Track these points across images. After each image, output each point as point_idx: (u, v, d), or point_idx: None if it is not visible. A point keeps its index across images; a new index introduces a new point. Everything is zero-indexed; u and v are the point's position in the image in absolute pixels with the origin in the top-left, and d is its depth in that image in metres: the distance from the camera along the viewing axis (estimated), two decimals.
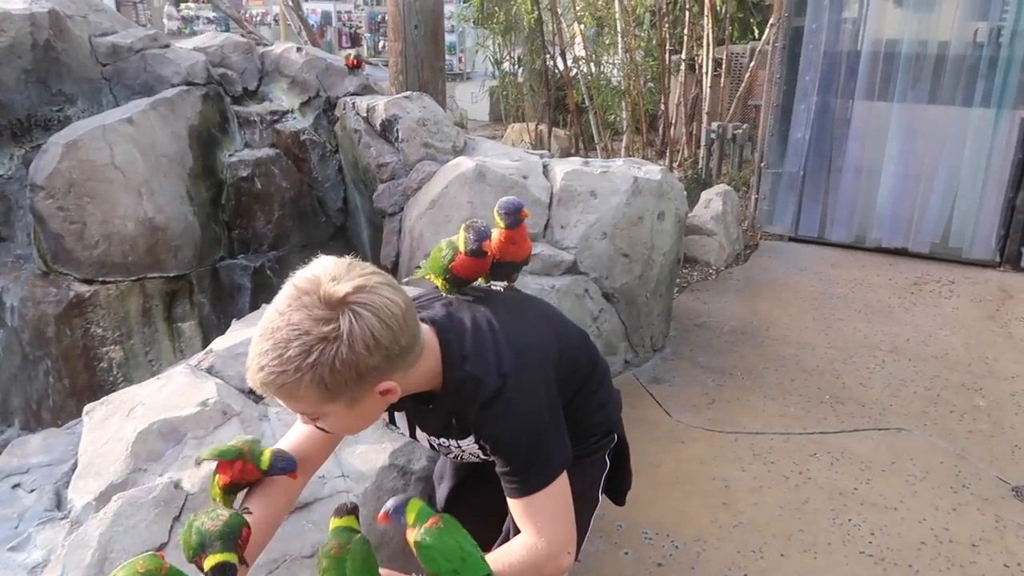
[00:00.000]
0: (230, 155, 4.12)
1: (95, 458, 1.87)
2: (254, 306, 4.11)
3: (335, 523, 1.35)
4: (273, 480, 1.42)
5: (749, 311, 4.83)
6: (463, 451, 1.51)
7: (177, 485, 1.72)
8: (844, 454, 3.31)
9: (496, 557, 1.35)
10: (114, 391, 3.45)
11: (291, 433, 1.56)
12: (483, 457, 1.51)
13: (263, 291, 4.08)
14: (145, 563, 1.23)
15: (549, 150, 7.34)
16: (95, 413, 2.04)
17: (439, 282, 1.57)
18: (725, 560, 2.69)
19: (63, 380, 3.33)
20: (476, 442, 1.44)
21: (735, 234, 5.87)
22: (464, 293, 1.54)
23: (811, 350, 4.29)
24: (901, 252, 5.81)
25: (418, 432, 1.59)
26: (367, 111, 4.29)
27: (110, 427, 1.96)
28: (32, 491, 1.95)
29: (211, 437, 1.88)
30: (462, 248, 1.50)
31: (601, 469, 1.74)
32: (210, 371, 2.13)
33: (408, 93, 4.43)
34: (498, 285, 1.65)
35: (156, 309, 3.51)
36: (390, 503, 1.30)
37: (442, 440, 1.52)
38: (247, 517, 1.31)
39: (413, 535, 1.28)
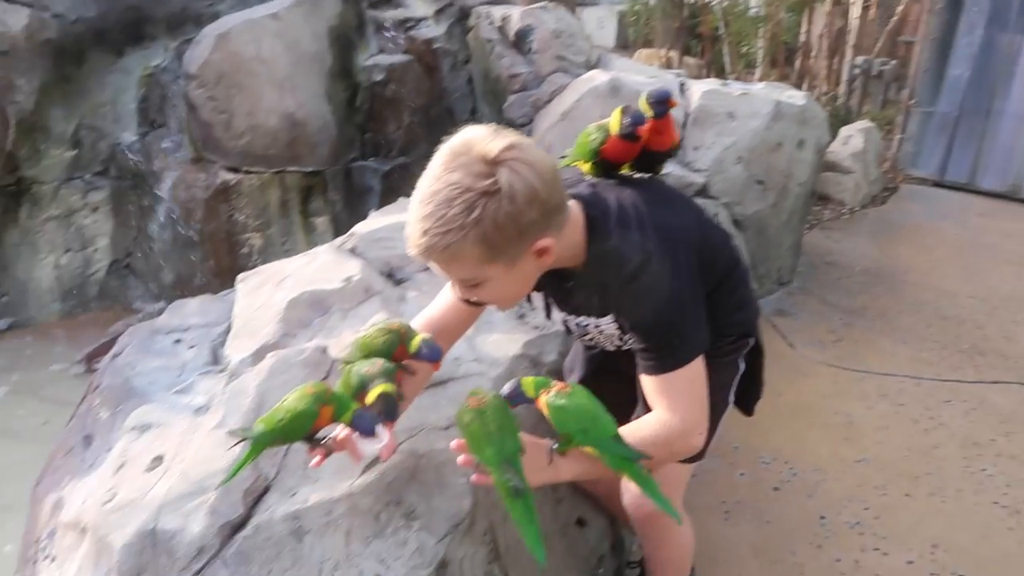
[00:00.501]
0: (366, 59, 4.17)
1: (249, 321, 1.99)
2: (382, 208, 4.23)
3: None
4: None
5: (884, 254, 4.58)
6: (600, 331, 1.50)
7: (324, 351, 1.80)
8: (982, 404, 3.12)
9: (629, 429, 1.35)
10: None
11: (434, 304, 1.59)
12: (618, 342, 1.51)
13: (391, 195, 4.18)
14: (313, 387, 1.32)
15: None
16: (248, 281, 2.16)
17: (586, 167, 1.55)
18: (845, 492, 2.61)
19: (209, 261, 3.56)
20: (615, 320, 1.43)
21: (874, 174, 5.53)
22: (610, 177, 1.52)
23: (951, 298, 4.04)
24: None
25: (554, 312, 1.59)
26: (501, 20, 4.24)
27: (262, 295, 2.07)
28: (191, 347, 2.10)
29: (355, 311, 1.96)
30: (615, 130, 1.48)
31: (734, 372, 1.70)
32: (353, 252, 2.21)
33: (544, 4, 4.33)
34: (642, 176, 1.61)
35: (293, 202, 3.66)
36: (504, 389, 1.32)
37: (580, 319, 1.51)
38: None
39: (545, 400, 1.30)
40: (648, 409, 1.43)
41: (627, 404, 1.61)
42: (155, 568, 1.43)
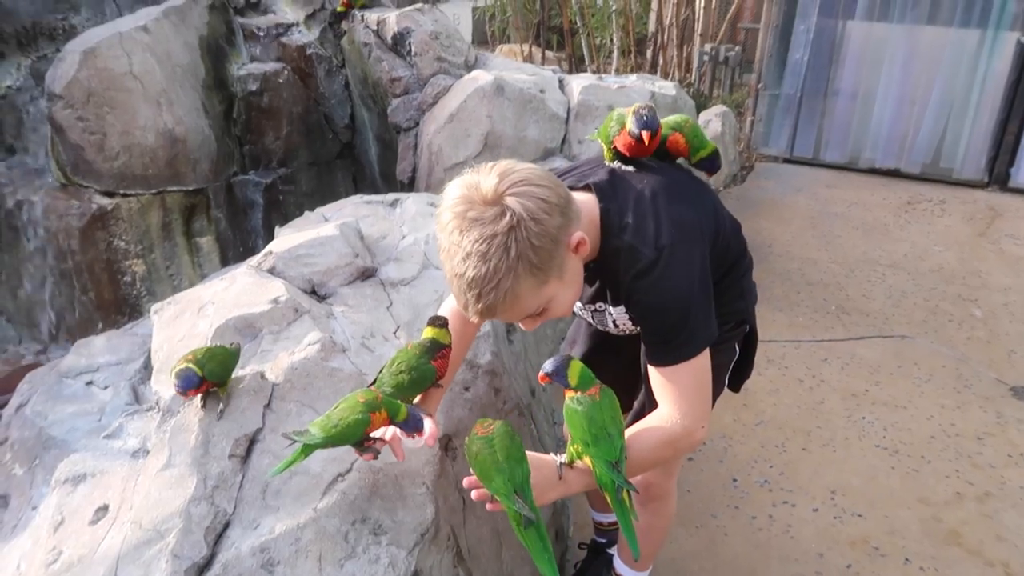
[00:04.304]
0: (238, 68, 4.02)
1: (173, 353, 1.90)
2: (267, 223, 4.10)
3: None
4: None
5: (750, 229, 4.94)
6: (614, 318, 1.55)
7: (263, 376, 1.76)
8: (853, 359, 3.47)
9: (634, 432, 1.39)
10: (139, 304, 3.48)
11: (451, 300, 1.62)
12: (630, 329, 1.56)
13: (275, 208, 4.06)
14: (363, 395, 1.37)
15: None
16: (164, 312, 2.06)
17: (605, 151, 1.56)
18: (750, 454, 2.85)
19: (88, 293, 3.32)
20: (627, 311, 1.48)
21: (732, 155, 5.94)
22: (627, 163, 1.51)
23: (814, 265, 4.43)
24: (893, 173, 5.95)
25: None
26: (377, 24, 4.21)
27: (183, 324, 1.99)
28: (106, 387, 1.98)
29: (286, 332, 1.93)
30: (627, 127, 1.47)
31: (731, 356, 1.77)
32: (272, 272, 2.15)
33: (419, 5, 4.34)
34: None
35: (176, 223, 3.48)
36: (548, 365, 1.34)
37: (597, 305, 1.55)
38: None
39: (568, 396, 1.34)
40: (651, 391, 1.47)
41: (626, 382, 1.67)
42: None
